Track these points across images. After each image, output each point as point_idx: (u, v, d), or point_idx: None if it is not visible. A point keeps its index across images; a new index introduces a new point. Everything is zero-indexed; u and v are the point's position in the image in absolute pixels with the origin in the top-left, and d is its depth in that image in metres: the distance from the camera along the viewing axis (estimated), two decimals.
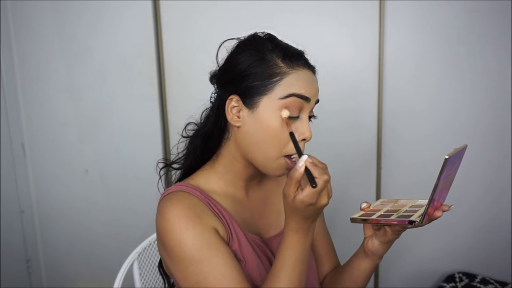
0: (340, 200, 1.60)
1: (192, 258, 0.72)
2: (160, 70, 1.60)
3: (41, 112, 1.69)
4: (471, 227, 1.64)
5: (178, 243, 0.72)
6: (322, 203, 0.66)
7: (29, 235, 1.76)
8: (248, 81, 0.77)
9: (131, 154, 1.67)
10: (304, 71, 0.79)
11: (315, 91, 0.80)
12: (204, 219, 0.75)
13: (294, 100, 0.75)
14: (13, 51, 1.65)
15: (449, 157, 0.64)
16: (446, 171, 0.67)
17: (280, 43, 0.82)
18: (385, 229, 0.79)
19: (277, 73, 0.76)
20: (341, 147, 1.61)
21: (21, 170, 1.72)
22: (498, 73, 1.53)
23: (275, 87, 0.75)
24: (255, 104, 0.76)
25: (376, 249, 0.82)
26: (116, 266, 1.16)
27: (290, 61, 0.77)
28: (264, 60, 0.77)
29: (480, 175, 1.60)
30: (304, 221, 0.68)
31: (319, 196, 0.65)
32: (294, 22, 1.53)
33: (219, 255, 0.72)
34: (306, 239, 0.70)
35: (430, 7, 1.51)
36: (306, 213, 0.67)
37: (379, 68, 1.55)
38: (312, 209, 0.66)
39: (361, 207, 0.82)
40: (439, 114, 1.58)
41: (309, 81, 0.79)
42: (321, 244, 0.97)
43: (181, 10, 1.55)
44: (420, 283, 1.70)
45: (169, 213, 0.74)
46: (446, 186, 0.75)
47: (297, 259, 0.70)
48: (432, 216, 0.72)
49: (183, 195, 0.78)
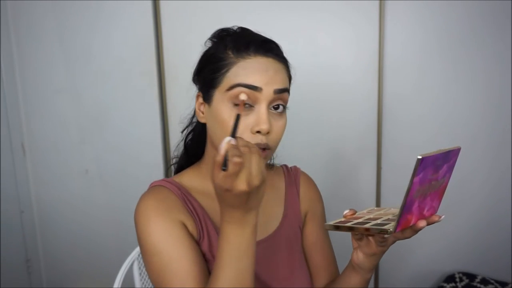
0: (340, 201, 1.60)
1: (154, 249, 0.72)
2: (160, 70, 1.60)
3: (41, 112, 1.69)
4: (471, 228, 1.64)
5: (144, 234, 0.74)
6: (239, 189, 0.57)
7: (29, 235, 1.75)
8: (203, 75, 0.77)
9: (131, 154, 1.67)
10: (256, 58, 0.73)
11: (270, 79, 0.72)
12: (174, 213, 0.75)
13: (241, 90, 0.71)
14: (13, 51, 1.65)
15: (422, 158, 0.56)
16: (422, 174, 0.59)
17: (239, 34, 0.78)
18: (368, 239, 0.72)
19: (224, 64, 0.73)
20: (341, 147, 1.61)
21: (21, 170, 1.72)
22: (498, 72, 1.53)
23: (223, 79, 0.73)
24: (210, 98, 0.75)
25: (361, 262, 0.75)
26: (116, 266, 1.16)
27: (238, 51, 0.73)
28: (216, 53, 0.76)
29: (480, 175, 1.60)
30: (233, 210, 0.61)
31: (234, 180, 0.57)
32: (294, 23, 1.53)
33: (181, 249, 0.72)
34: (242, 231, 0.63)
35: (430, 7, 1.51)
36: (228, 200, 0.60)
37: (379, 68, 1.55)
38: (231, 195, 0.59)
39: (343, 214, 0.74)
40: (439, 114, 1.58)
41: (261, 69, 0.72)
42: (318, 255, 0.91)
43: (181, 10, 1.55)
44: (420, 283, 1.70)
45: (141, 205, 0.76)
46: (435, 192, 0.66)
47: (234, 255, 0.63)
48: (415, 227, 0.64)
49: (160, 189, 0.80)
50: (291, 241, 0.88)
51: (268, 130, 0.72)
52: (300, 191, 0.93)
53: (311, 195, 0.95)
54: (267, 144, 0.73)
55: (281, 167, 0.97)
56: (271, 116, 0.74)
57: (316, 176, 0.98)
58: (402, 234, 0.67)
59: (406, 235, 0.67)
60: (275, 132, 0.75)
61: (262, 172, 0.60)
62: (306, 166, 1.01)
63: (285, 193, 0.92)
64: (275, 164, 0.97)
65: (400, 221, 0.61)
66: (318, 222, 0.93)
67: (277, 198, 0.91)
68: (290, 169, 0.97)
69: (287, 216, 0.89)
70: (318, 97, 1.57)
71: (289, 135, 1.64)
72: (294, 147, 1.56)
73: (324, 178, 1.54)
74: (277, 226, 0.87)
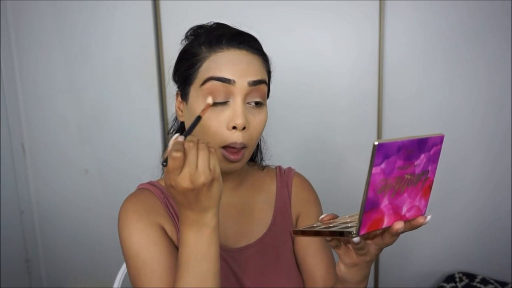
0: (340, 202, 1.60)
1: (131, 251, 0.72)
2: (160, 70, 1.60)
3: (41, 112, 1.69)
4: (471, 227, 1.64)
5: (122, 236, 0.74)
6: (182, 186, 0.56)
7: (29, 235, 1.75)
8: (180, 74, 0.76)
9: (131, 154, 1.67)
10: (228, 51, 0.71)
11: (243, 71, 0.69)
12: (153, 216, 0.75)
13: (214, 84, 0.69)
14: (13, 51, 1.65)
15: (379, 144, 0.48)
16: (385, 164, 0.50)
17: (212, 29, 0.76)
18: (347, 248, 0.64)
19: (197, 59, 0.72)
20: (341, 147, 1.61)
21: (21, 170, 1.72)
22: (498, 72, 1.53)
23: (196, 75, 0.71)
24: (187, 95, 0.74)
25: (344, 274, 0.66)
26: (116, 266, 1.16)
27: (210, 44, 0.72)
28: (190, 49, 0.74)
29: (480, 175, 1.60)
30: (185, 210, 0.59)
31: (176, 176, 0.56)
32: (294, 23, 1.53)
33: (156, 252, 0.71)
34: (199, 233, 0.60)
35: (430, 7, 1.51)
36: (175, 198, 0.59)
37: (379, 68, 1.55)
38: (176, 192, 0.57)
39: (320, 218, 0.65)
40: (439, 114, 1.58)
41: (233, 61, 0.70)
42: (312, 260, 0.83)
43: (181, 10, 1.55)
44: (420, 283, 1.70)
45: (122, 207, 0.77)
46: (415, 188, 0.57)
47: (192, 258, 0.61)
48: (391, 230, 0.55)
49: (143, 191, 0.80)
50: (279, 248, 0.83)
51: (244, 125, 0.69)
52: (292, 194, 0.88)
53: (304, 197, 0.89)
54: (243, 143, 0.70)
55: (274, 168, 0.92)
56: (248, 111, 0.71)
57: (315, 178, 0.97)
58: (383, 240, 0.59)
59: (386, 241, 0.58)
60: (253, 127, 0.71)
61: (211, 169, 0.57)
62: (305, 168, 1.01)
63: (275, 196, 0.87)
64: (268, 165, 0.93)
65: (364, 221, 0.52)
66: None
67: (267, 202, 0.86)
68: (284, 170, 0.92)
69: (276, 221, 0.85)
70: (318, 97, 1.57)
71: (289, 136, 1.64)
72: (290, 148, 1.56)
73: (323, 181, 1.54)
74: (264, 232, 0.83)
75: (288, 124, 1.57)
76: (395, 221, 0.55)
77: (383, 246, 0.60)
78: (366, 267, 0.65)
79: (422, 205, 0.59)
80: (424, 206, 0.60)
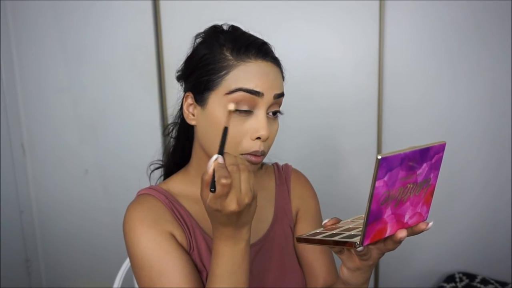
0: (339, 203, 1.60)
1: (143, 262, 0.71)
2: (160, 70, 1.60)
3: (41, 112, 1.69)
4: (471, 228, 1.64)
5: (132, 246, 0.73)
6: (229, 209, 0.57)
7: (28, 235, 1.75)
8: (197, 76, 0.74)
9: (131, 154, 1.67)
10: (256, 62, 0.71)
11: (271, 84, 0.71)
12: (161, 223, 0.74)
13: (242, 95, 0.69)
14: (13, 51, 1.65)
15: (382, 158, 0.49)
16: (388, 176, 0.51)
17: (234, 35, 0.75)
18: (350, 252, 0.65)
19: (223, 66, 0.71)
20: (341, 147, 1.61)
21: (21, 170, 1.72)
22: (498, 72, 1.53)
23: (221, 82, 0.70)
24: (205, 100, 0.72)
25: (346, 278, 0.68)
26: (116, 266, 1.16)
27: (238, 53, 0.71)
28: (212, 53, 0.73)
29: (480, 175, 1.60)
30: (223, 227, 0.61)
31: (223, 201, 0.57)
32: (294, 23, 1.53)
33: (171, 262, 0.70)
34: (234, 247, 0.63)
35: (430, 7, 1.51)
36: (218, 219, 0.60)
37: (379, 68, 1.55)
38: (221, 215, 0.59)
39: (323, 224, 0.68)
40: (439, 114, 1.58)
41: (262, 73, 0.71)
42: (311, 255, 0.86)
43: (181, 10, 1.55)
44: (420, 283, 1.70)
45: (128, 216, 0.75)
46: (417, 196, 0.57)
47: (226, 270, 0.63)
48: (394, 238, 0.57)
49: (147, 198, 0.78)
50: (282, 244, 0.85)
51: (268, 136, 0.71)
52: (290, 189, 0.90)
53: (302, 192, 0.91)
54: (264, 151, 0.72)
55: (271, 166, 0.94)
56: (267, 121, 0.72)
57: (315, 179, 0.97)
58: (385, 246, 0.61)
59: (389, 247, 0.61)
60: (270, 137, 0.73)
61: (252, 188, 0.59)
62: (305, 168, 1.01)
63: (275, 193, 0.89)
64: (265, 163, 0.94)
65: (368, 232, 0.53)
66: (310, 220, 0.89)
67: (267, 199, 0.88)
68: (281, 167, 0.94)
69: (277, 217, 0.87)
70: (318, 98, 1.57)
71: (289, 138, 1.64)
72: (291, 149, 1.56)
73: (324, 183, 1.54)
74: (267, 229, 0.84)
75: (288, 125, 1.56)
76: (398, 229, 0.57)
77: (385, 251, 0.62)
78: (369, 270, 0.68)
79: (424, 211, 0.60)
80: (426, 212, 0.61)
